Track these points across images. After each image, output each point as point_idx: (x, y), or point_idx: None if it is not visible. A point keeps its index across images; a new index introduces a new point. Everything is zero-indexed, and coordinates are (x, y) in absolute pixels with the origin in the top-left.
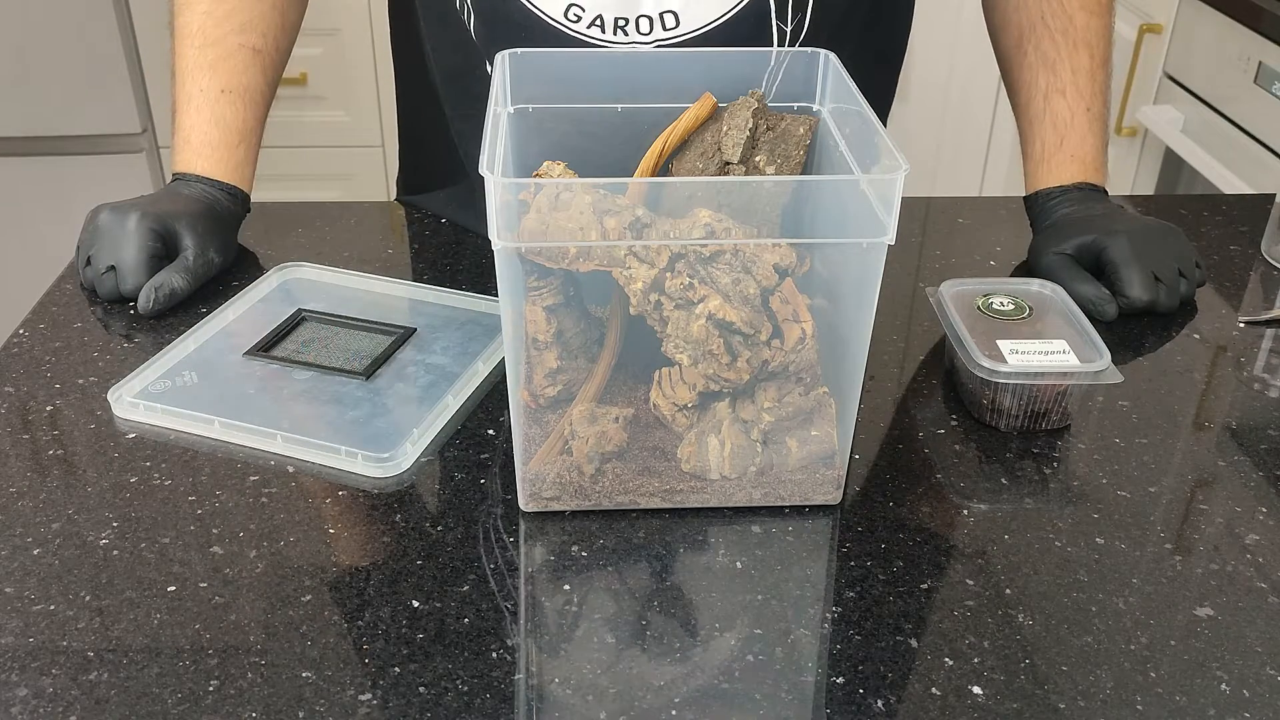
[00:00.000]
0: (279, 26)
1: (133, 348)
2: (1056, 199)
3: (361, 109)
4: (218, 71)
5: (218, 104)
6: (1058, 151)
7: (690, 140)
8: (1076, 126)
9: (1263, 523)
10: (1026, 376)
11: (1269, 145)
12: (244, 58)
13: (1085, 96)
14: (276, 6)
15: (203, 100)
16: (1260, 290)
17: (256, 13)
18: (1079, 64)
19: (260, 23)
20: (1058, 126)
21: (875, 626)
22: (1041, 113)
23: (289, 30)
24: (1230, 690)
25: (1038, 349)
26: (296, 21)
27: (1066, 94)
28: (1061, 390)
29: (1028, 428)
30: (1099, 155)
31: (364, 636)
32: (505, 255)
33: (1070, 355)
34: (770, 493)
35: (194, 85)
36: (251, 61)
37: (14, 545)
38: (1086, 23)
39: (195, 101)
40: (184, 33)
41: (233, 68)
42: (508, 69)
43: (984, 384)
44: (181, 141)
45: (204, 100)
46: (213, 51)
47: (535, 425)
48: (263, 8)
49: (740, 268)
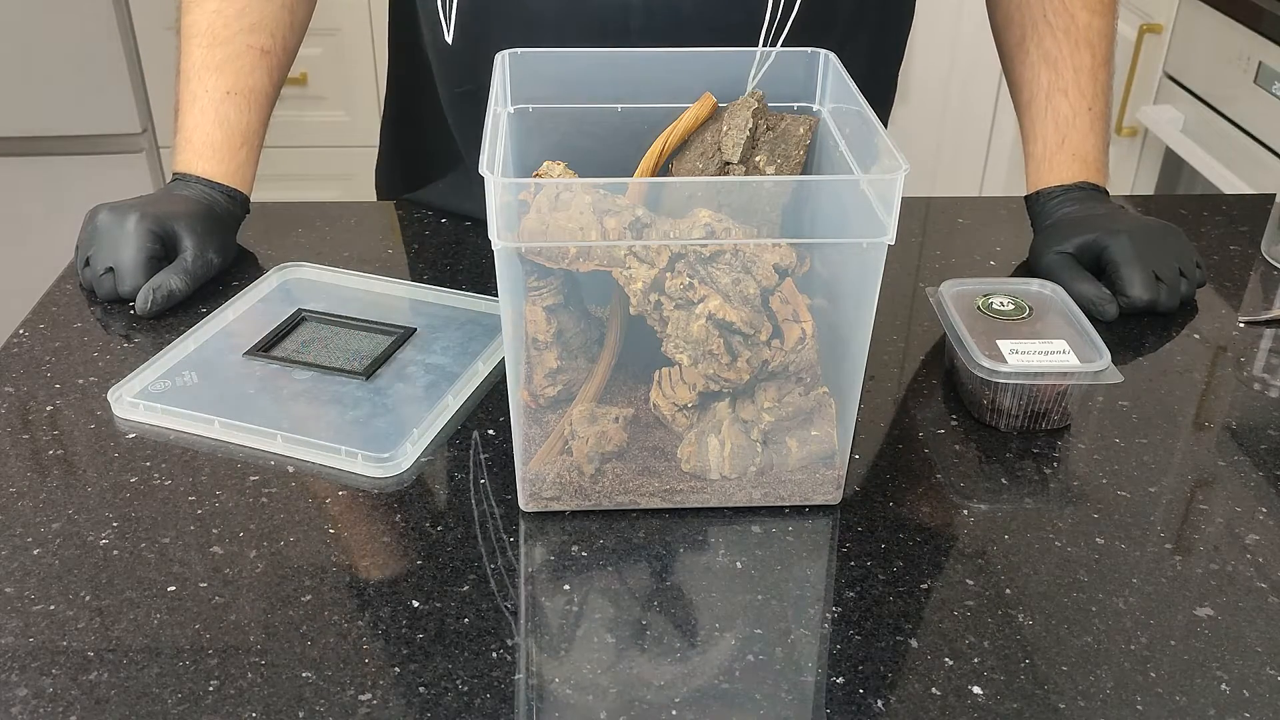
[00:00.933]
0: (288, 26)
1: (133, 348)
2: (1058, 198)
3: (361, 109)
4: (224, 72)
5: (222, 105)
6: (1059, 150)
7: (690, 140)
8: (1078, 126)
9: (1263, 523)
10: (1026, 376)
11: (1269, 145)
12: (251, 59)
13: (1087, 95)
14: (286, 6)
15: (207, 101)
16: (1260, 290)
17: (267, 12)
18: (1081, 63)
19: (269, 23)
20: (1060, 125)
21: (875, 626)
22: (1043, 111)
23: (297, 29)
24: (1230, 690)
25: (1038, 349)
26: (305, 20)
27: (1069, 93)
28: (1061, 390)
29: (1028, 428)
30: (1101, 155)
31: (364, 636)
32: (505, 255)
33: (1070, 355)
34: (770, 493)
35: (199, 85)
36: (259, 63)
37: (14, 545)
38: (1089, 21)
39: (200, 102)
40: (191, 31)
41: (240, 69)
42: (508, 69)
43: (984, 384)
44: (183, 141)
45: (209, 101)
46: (220, 51)
47: (535, 425)
48: (272, 8)
49: (740, 268)
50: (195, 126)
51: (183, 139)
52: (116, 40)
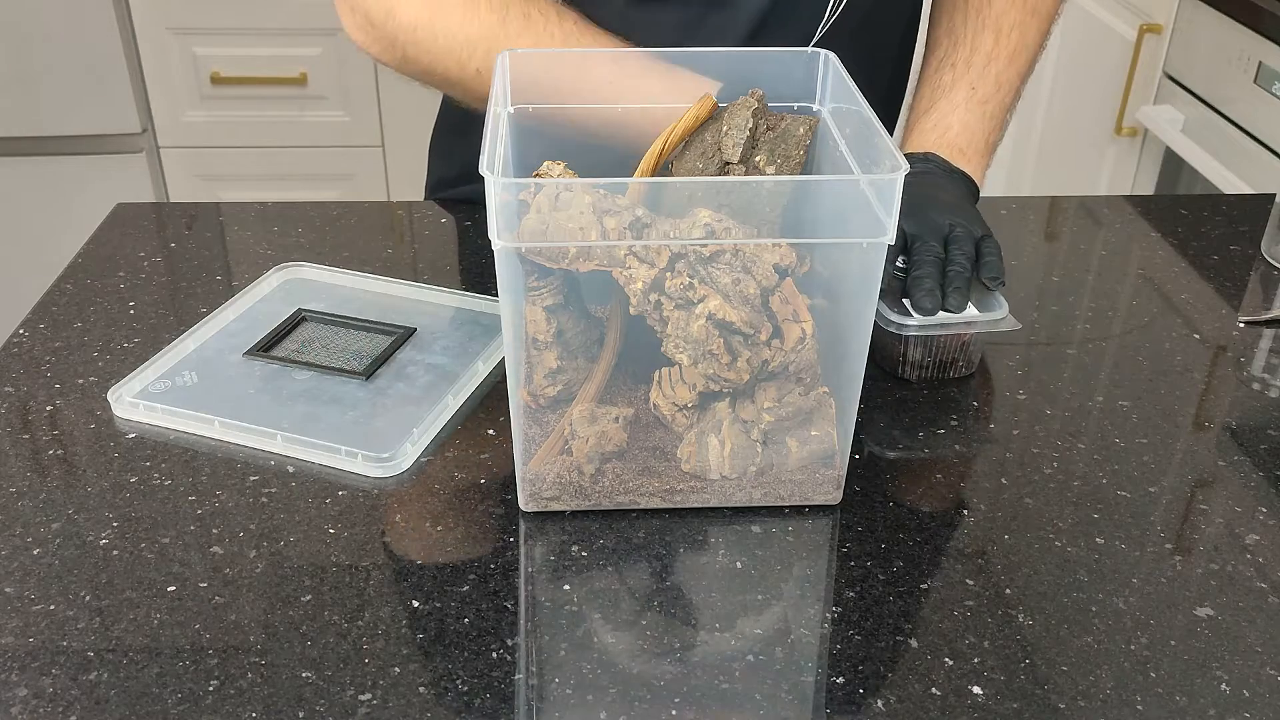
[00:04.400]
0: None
1: (133, 348)
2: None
3: (361, 109)
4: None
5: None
6: (923, 117)
7: (690, 140)
8: (952, 99)
9: (1263, 523)
10: (934, 328)
11: (1269, 145)
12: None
13: (973, 74)
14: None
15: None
16: (1260, 290)
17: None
18: (980, 44)
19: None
20: (934, 94)
21: (875, 626)
22: (928, 79)
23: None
24: (1230, 690)
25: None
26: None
27: (956, 67)
28: (965, 340)
29: (936, 377)
30: (970, 136)
31: (364, 636)
32: (505, 255)
33: (970, 308)
34: (770, 493)
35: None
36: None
37: (14, 545)
38: (1004, 10)
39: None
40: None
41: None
42: (508, 69)
43: (895, 338)
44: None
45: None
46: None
47: (535, 425)
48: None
49: (740, 268)
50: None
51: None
52: (116, 40)
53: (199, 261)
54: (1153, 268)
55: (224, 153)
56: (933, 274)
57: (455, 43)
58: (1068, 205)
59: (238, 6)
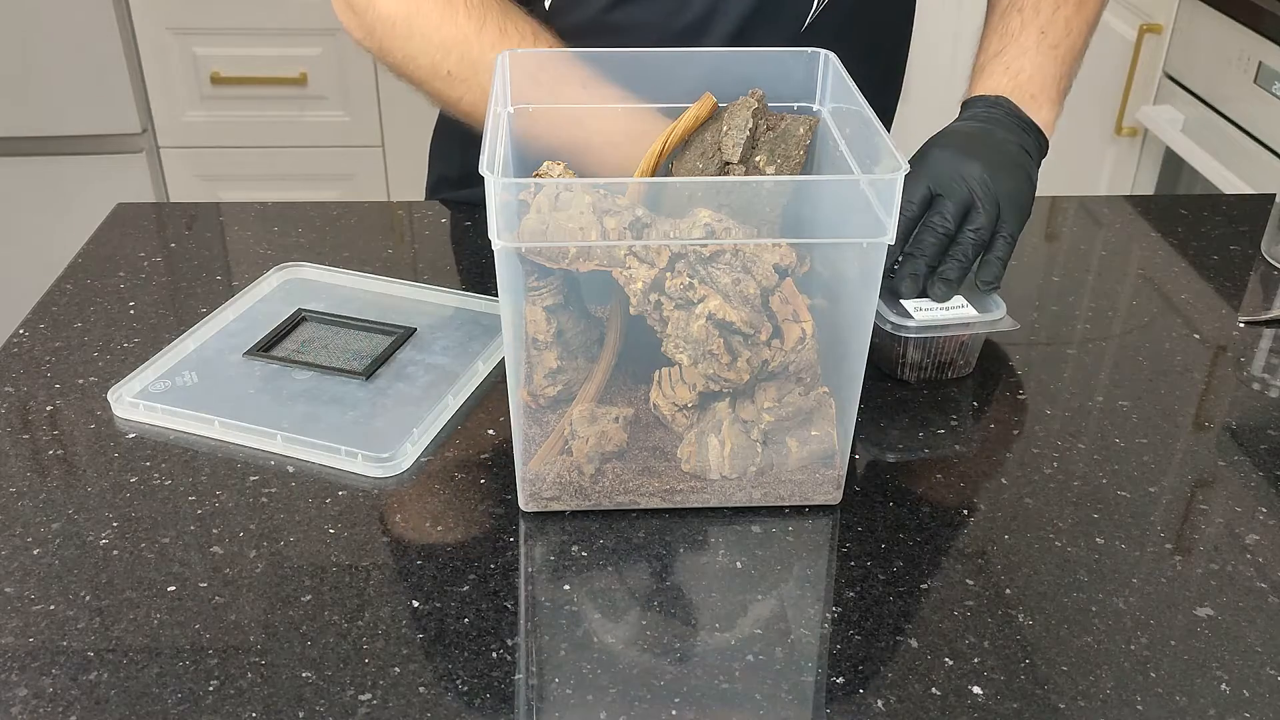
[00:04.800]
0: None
1: (133, 348)
2: (967, 111)
3: (361, 109)
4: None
5: None
6: (993, 60)
7: (690, 140)
8: (1021, 43)
9: (1263, 523)
10: (932, 330)
11: (1269, 145)
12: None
13: (1042, 19)
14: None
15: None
16: (1260, 290)
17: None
18: (1044, 2)
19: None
20: (1003, 39)
21: (875, 626)
22: (994, 25)
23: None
24: (1230, 690)
25: (939, 305)
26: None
27: (1024, 12)
28: (963, 341)
29: (935, 378)
30: (1043, 81)
31: (364, 636)
32: (505, 255)
33: (968, 308)
34: (770, 493)
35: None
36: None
37: (14, 545)
38: None
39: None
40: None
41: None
42: (508, 69)
43: (893, 339)
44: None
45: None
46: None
47: (535, 425)
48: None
49: (740, 268)
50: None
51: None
52: (116, 40)
53: (199, 261)
54: (1153, 268)
55: (224, 153)
56: (926, 258)
57: (430, 44)
58: (1068, 205)
59: (238, 6)
